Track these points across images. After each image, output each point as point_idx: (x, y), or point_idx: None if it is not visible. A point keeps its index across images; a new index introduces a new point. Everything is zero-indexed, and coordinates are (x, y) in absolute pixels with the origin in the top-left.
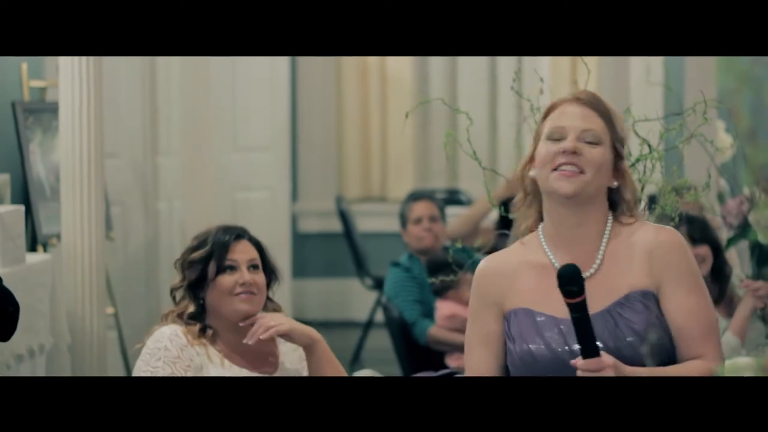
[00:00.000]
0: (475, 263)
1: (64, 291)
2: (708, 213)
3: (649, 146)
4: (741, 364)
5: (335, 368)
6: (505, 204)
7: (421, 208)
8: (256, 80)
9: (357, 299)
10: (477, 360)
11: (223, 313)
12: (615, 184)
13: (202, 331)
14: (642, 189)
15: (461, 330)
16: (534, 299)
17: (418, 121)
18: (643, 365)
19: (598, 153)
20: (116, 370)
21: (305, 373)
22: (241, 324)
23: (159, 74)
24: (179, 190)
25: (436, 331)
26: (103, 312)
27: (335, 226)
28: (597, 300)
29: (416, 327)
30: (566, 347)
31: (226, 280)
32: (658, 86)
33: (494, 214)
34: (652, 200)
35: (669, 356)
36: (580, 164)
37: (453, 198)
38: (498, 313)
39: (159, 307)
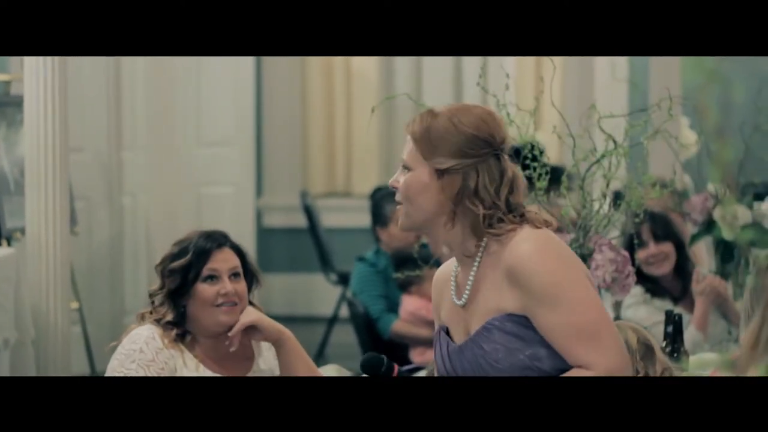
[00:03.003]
0: (438, 260)
1: (29, 285)
2: (671, 210)
3: (614, 142)
4: (707, 359)
5: (306, 364)
6: None
7: None
8: (221, 75)
9: (322, 294)
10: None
11: (203, 323)
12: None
13: (181, 337)
14: (607, 185)
15: (425, 325)
16: (445, 317)
17: (383, 117)
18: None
19: (408, 179)
20: (80, 365)
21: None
22: (226, 343)
23: (124, 69)
24: (144, 185)
25: (400, 325)
26: (67, 306)
27: (300, 221)
28: (472, 328)
29: (380, 322)
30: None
31: (207, 290)
32: (623, 83)
33: None
34: (618, 196)
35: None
36: (399, 197)
37: None
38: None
39: (123, 301)
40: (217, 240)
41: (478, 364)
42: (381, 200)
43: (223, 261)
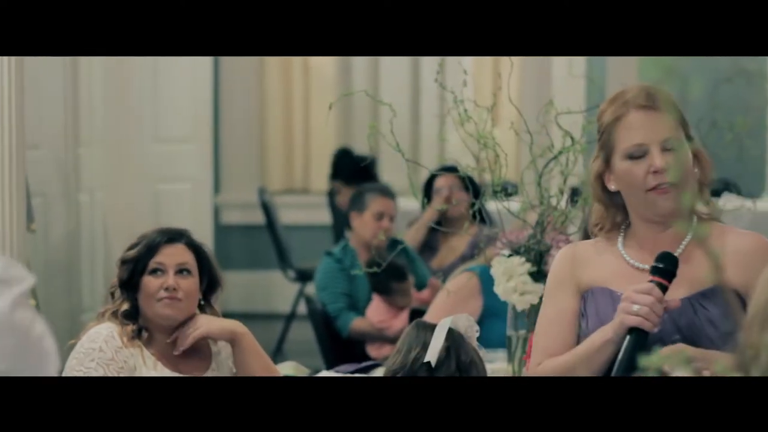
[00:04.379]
0: (399, 269)
1: None
2: None
3: (572, 138)
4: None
5: (262, 361)
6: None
7: (386, 206)
8: (179, 71)
9: (279, 291)
10: (553, 337)
11: (147, 315)
12: (696, 171)
13: (138, 333)
14: (564, 181)
15: (384, 329)
16: (611, 280)
17: (341, 113)
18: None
19: (683, 157)
20: None
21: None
22: (168, 341)
23: (81, 65)
24: (101, 182)
25: (360, 323)
26: None
27: (258, 218)
28: (677, 289)
29: (339, 320)
30: None
31: (151, 282)
32: (580, 79)
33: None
34: (575, 192)
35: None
36: (671, 177)
37: None
38: (575, 291)
39: (80, 298)
40: (169, 235)
41: (693, 323)
42: (366, 191)
43: (171, 256)
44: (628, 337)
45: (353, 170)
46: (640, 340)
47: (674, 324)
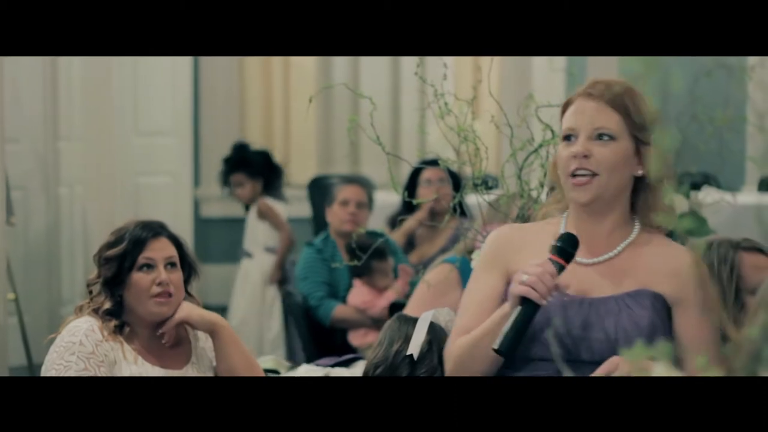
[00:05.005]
0: (378, 249)
1: None
2: None
3: (552, 132)
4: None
5: (241, 353)
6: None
7: (350, 192)
8: (158, 64)
9: None
10: (470, 318)
11: (138, 313)
12: (639, 172)
13: (119, 328)
14: (545, 174)
15: (368, 318)
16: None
17: (321, 106)
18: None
19: (611, 151)
20: (17, 356)
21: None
22: (157, 334)
23: (60, 59)
24: (81, 175)
25: (342, 310)
26: (3, 298)
27: (238, 211)
28: (605, 286)
29: (320, 309)
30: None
31: (143, 279)
32: (560, 72)
33: (397, 200)
34: (554, 186)
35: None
36: (592, 167)
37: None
38: (502, 274)
39: (60, 292)
40: (153, 229)
41: (618, 322)
42: (318, 184)
43: (159, 250)
44: (517, 308)
45: (257, 163)
46: (528, 312)
47: (600, 321)
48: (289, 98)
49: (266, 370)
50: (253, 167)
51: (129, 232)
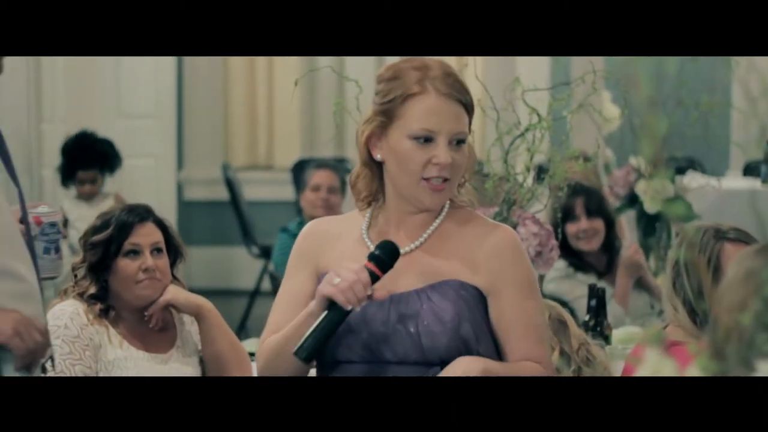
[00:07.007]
0: None
1: None
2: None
3: (539, 116)
4: (631, 333)
5: (227, 337)
6: None
7: (321, 177)
8: None
9: (243, 267)
10: (281, 317)
11: (124, 298)
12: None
13: (104, 312)
14: (531, 158)
15: None
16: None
17: (306, 89)
18: (439, 353)
19: (464, 155)
20: None
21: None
22: (145, 317)
23: None
24: None
25: None
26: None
27: (221, 194)
28: (411, 278)
29: None
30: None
31: (129, 265)
32: (544, 56)
33: None
34: (541, 170)
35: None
36: (448, 174)
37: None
38: (312, 273)
39: None
40: (139, 214)
41: (419, 316)
42: (302, 167)
43: (145, 236)
44: (324, 313)
45: (107, 155)
46: (333, 318)
47: (402, 318)
48: (274, 80)
49: (251, 354)
50: (104, 160)
51: (115, 216)
